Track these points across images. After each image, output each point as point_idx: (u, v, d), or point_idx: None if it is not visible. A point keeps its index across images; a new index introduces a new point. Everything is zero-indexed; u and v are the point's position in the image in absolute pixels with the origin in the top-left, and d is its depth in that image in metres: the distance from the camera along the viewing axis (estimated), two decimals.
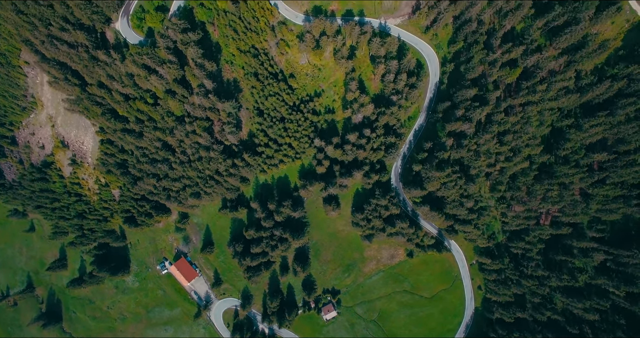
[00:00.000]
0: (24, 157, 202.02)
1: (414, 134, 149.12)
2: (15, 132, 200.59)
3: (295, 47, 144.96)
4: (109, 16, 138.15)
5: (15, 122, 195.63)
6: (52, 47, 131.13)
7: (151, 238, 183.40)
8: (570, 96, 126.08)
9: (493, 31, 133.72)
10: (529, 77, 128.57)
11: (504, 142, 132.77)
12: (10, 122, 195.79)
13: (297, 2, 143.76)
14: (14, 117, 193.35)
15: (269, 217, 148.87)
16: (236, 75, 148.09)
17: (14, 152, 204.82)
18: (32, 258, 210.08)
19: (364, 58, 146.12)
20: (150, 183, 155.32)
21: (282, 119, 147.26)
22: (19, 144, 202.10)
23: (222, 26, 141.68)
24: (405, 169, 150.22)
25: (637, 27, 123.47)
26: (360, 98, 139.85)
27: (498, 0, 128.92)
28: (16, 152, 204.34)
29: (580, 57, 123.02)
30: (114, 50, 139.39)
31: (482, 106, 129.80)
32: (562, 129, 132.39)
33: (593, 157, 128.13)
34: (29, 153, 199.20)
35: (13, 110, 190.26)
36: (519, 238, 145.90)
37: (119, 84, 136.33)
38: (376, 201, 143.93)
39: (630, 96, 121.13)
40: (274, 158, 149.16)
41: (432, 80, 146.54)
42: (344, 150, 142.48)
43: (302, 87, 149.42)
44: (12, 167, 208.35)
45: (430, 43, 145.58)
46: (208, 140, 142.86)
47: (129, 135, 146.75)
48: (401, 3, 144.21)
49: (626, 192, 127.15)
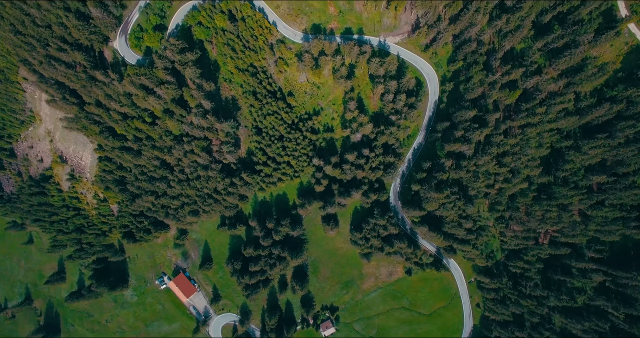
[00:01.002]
0: (23, 170, 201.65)
1: (412, 153, 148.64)
2: (13, 144, 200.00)
3: (293, 65, 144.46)
4: (107, 35, 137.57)
5: (13, 134, 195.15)
6: (49, 68, 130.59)
7: (150, 253, 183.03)
8: (569, 118, 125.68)
9: (493, 51, 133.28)
10: (529, 99, 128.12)
11: (503, 164, 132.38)
12: (8, 135, 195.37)
13: (296, 20, 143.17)
14: (13, 130, 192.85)
15: (268, 236, 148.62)
16: (234, 93, 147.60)
17: (13, 164, 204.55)
18: (30, 270, 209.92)
19: (363, 76, 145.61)
20: (148, 200, 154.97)
21: (280, 137, 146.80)
22: (17, 157, 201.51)
23: (220, 45, 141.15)
24: (404, 188, 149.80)
25: (635, 49, 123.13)
26: (359, 117, 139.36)
27: (497, 21, 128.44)
28: (15, 165, 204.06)
29: (579, 79, 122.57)
30: (112, 69, 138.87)
31: (481, 128, 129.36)
32: (562, 150, 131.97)
33: (592, 179, 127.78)
34: (27, 166, 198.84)
35: (11, 124, 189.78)
36: (518, 257, 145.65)
37: (117, 104, 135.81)
38: (375, 221, 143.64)
39: (630, 119, 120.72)
40: (272, 176, 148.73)
41: (432, 98, 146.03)
42: (343, 170, 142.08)
43: (300, 105, 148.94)
44: (11, 180, 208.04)
45: (429, 61, 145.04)
46: (206, 159, 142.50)
47: (127, 153, 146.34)
48: (401, 21, 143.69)
49: (625, 214, 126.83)
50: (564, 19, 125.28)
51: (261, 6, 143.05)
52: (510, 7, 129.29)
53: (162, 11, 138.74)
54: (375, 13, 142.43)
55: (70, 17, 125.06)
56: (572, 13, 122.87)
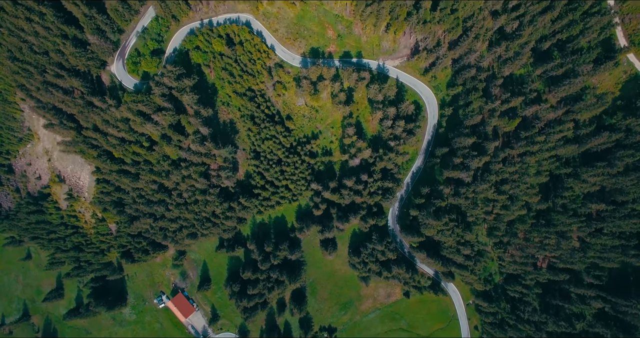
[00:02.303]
0: (21, 186, 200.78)
1: (411, 176, 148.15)
2: (11, 160, 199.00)
3: (292, 89, 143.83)
4: (104, 60, 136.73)
5: (11, 151, 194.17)
6: (47, 94, 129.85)
7: (148, 271, 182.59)
8: (569, 146, 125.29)
9: (492, 78, 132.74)
10: (528, 127, 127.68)
11: (502, 191, 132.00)
12: (6, 151, 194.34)
13: (294, 44, 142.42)
14: (10, 147, 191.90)
15: (266, 260, 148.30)
16: (232, 117, 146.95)
17: (11, 180, 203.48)
18: (28, 286, 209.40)
19: (361, 100, 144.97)
20: (146, 222, 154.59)
21: (278, 161, 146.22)
22: (15, 173, 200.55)
23: (217, 69, 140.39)
24: (402, 212, 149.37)
25: (634, 78, 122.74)
26: (358, 143, 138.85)
27: (497, 48, 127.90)
28: (13, 181, 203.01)
29: (578, 108, 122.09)
30: (109, 93, 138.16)
31: (480, 156, 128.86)
32: (561, 177, 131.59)
33: (591, 207, 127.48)
34: (25, 182, 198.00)
35: (9, 141, 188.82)
36: (516, 281, 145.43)
37: (114, 129, 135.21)
38: (373, 246, 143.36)
39: (629, 148, 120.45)
40: (270, 200, 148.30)
41: (431, 122, 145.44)
42: (341, 195, 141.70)
43: (299, 128, 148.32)
44: (9, 196, 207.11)
45: (429, 85, 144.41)
46: (204, 183, 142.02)
47: (125, 177, 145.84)
48: (400, 45, 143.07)
49: (624, 242, 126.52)
50: (564, 47, 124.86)
51: (259, 29, 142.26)
52: (509, 33, 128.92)
53: (160, 36, 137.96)
54: (374, 37, 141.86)
55: (67, 44, 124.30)
56: (571, 41, 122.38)
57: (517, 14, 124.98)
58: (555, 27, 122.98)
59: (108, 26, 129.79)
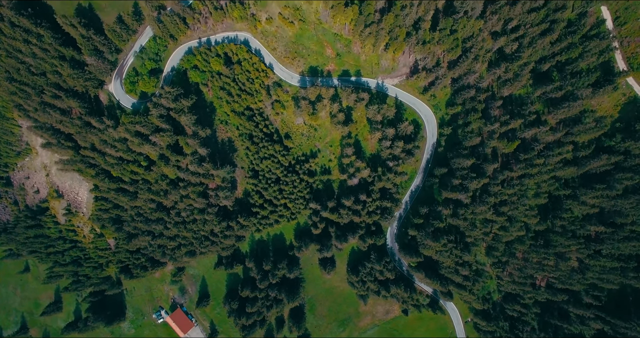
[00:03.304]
0: (19, 199, 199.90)
1: (410, 195, 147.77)
2: (9, 173, 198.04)
3: (290, 108, 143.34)
4: (102, 80, 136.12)
5: (9, 163, 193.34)
6: (44, 114, 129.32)
7: (147, 286, 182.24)
8: (568, 168, 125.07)
9: (492, 98, 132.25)
10: (527, 149, 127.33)
11: (500, 212, 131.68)
12: (5, 164, 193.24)
13: (292, 63, 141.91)
14: (9, 159, 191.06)
15: (265, 279, 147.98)
16: (231, 135, 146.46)
17: (9, 192, 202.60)
18: (26, 298, 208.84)
19: (360, 118, 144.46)
20: (145, 240, 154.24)
21: (277, 180, 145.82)
22: (13, 185, 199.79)
23: (216, 88, 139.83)
24: (401, 231, 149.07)
25: (633, 101, 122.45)
26: (356, 163, 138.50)
27: (496, 70, 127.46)
28: (11, 193, 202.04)
29: (577, 131, 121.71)
30: (107, 112, 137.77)
31: (479, 178, 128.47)
32: (560, 198, 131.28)
33: (590, 229, 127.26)
34: (23, 195, 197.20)
35: (7, 154, 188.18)
36: (515, 300, 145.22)
37: (112, 149, 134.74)
38: (371, 265, 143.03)
39: (628, 171, 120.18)
40: (269, 218, 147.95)
41: (430, 140, 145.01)
42: (340, 214, 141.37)
43: (297, 147, 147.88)
44: (7, 208, 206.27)
45: (428, 103, 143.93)
46: (202, 203, 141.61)
47: (123, 195, 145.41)
48: (399, 64, 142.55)
49: (623, 264, 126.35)
50: (563, 69, 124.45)
51: (257, 48, 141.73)
52: (509, 54, 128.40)
53: (157, 55, 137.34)
54: (373, 55, 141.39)
55: (65, 66, 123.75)
56: (570, 64, 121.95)
57: (517, 36, 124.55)
58: (555, 49, 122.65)
59: (106, 47, 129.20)
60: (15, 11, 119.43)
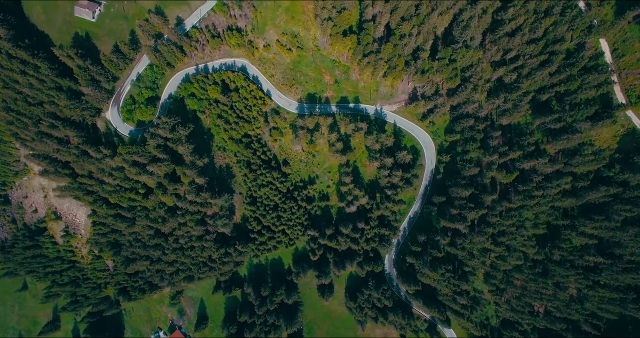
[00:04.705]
0: (17, 217, 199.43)
1: (408, 221, 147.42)
2: (8, 191, 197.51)
3: (288, 134, 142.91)
4: (99, 108, 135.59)
5: (7, 182, 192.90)
6: (41, 144, 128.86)
7: (146, 307, 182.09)
8: (567, 199, 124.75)
9: (491, 128, 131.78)
10: (526, 179, 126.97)
11: (499, 242, 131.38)
12: (3, 182, 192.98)
13: (290, 90, 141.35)
14: (6, 178, 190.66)
15: (263, 305, 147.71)
16: (229, 161, 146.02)
17: (7, 211, 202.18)
18: (24, 316, 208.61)
19: (359, 145, 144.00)
20: (143, 265, 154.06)
21: (275, 206, 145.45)
22: (11, 204, 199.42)
23: (213, 116, 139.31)
24: (399, 257, 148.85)
25: (631, 133, 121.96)
26: (354, 191, 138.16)
27: (496, 100, 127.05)
28: (9, 212, 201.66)
29: (576, 163, 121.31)
30: (105, 140, 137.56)
31: (477, 209, 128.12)
32: (559, 228, 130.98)
33: (589, 259, 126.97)
34: (21, 213, 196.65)
35: (5, 173, 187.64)
36: (513, 327, 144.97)
37: (110, 178, 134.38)
38: (369, 292, 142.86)
39: (626, 203, 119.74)
40: (267, 244, 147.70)
41: (428, 167, 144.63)
42: (338, 241, 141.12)
43: (295, 173, 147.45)
44: (5, 226, 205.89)
45: (427, 130, 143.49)
46: (200, 230, 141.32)
47: (121, 221, 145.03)
48: (398, 90, 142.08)
49: (622, 295, 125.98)
50: (562, 99, 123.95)
51: (255, 74, 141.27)
52: (508, 84, 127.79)
53: (154, 83, 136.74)
54: (372, 82, 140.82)
55: (61, 97, 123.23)
56: (569, 95, 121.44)
57: (516, 66, 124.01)
58: (554, 80, 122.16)
59: (102, 76, 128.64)
60: (13, 43, 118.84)
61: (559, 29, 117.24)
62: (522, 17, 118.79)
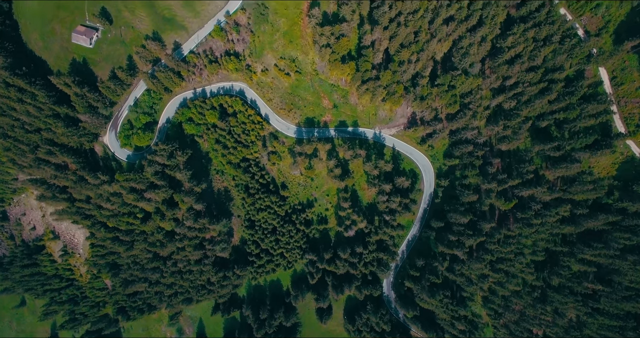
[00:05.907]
0: (15, 234, 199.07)
1: (407, 244, 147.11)
2: (6, 208, 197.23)
3: (287, 158, 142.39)
4: (96, 133, 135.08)
5: (5, 198, 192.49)
6: (38, 170, 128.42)
7: (145, 326, 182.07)
8: (566, 227, 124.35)
9: (490, 154, 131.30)
10: (525, 207, 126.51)
11: (497, 269, 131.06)
12: (1, 199, 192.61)
13: (289, 115, 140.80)
14: (4, 195, 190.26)
15: (261, 327, 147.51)
16: (227, 185, 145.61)
17: (5, 227, 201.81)
18: (22, 332, 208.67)
19: (357, 168, 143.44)
20: (141, 287, 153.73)
21: (273, 230, 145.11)
22: (10, 220, 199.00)
23: (211, 141, 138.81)
24: (397, 280, 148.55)
25: (631, 160, 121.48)
26: (353, 216, 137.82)
27: (495, 127, 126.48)
28: (7, 228, 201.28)
29: (575, 191, 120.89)
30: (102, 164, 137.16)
31: (476, 236, 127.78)
32: (557, 254, 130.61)
33: (587, 286, 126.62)
34: (20, 230, 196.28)
35: (3, 190, 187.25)
36: None
37: (107, 203, 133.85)
38: (368, 315, 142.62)
39: (625, 231, 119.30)
40: (265, 267, 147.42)
41: (427, 190, 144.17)
42: (336, 266, 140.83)
43: (294, 196, 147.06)
44: (3, 243, 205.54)
45: (425, 154, 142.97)
46: (199, 254, 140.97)
47: (119, 245, 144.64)
48: (396, 114, 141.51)
49: (622, 322, 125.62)
50: (561, 126, 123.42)
51: (253, 98, 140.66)
52: (507, 110, 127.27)
53: (152, 108, 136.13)
54: (371, 106, 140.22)
55: (59, 124, 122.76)
56: (569, 123, 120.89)
57: (515, 93, 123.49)
58: (553, 107, 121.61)
59: (100, 102, 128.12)
60: (10, 71, 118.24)
61: (558, 57, 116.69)
62: (521, 45, 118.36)
